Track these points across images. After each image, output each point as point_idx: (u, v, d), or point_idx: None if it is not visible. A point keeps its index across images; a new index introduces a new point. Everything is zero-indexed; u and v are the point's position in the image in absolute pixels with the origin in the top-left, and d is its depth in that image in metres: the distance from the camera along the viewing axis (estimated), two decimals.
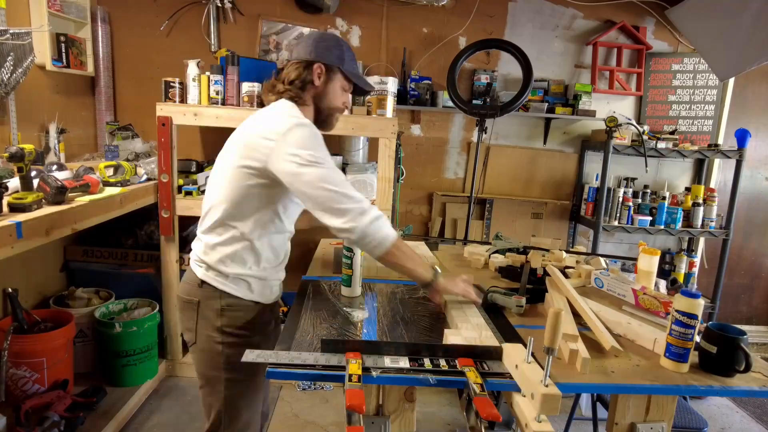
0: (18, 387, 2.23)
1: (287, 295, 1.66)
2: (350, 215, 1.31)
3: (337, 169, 1.36)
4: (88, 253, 2.98)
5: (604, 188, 3.22)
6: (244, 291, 1.46)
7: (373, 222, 1.32)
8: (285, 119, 1.37)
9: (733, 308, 3.87)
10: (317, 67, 1.47)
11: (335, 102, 1.54)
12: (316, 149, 1.33)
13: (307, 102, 1.51)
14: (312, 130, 1.37)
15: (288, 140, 1.32)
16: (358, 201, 1.33)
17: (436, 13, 3.31)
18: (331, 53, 1.49)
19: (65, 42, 2.76)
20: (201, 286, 1.45)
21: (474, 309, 1.44)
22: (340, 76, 1.52)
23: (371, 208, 1.34)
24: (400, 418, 1.17)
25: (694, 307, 1.12)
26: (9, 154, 1.72)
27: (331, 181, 1.31)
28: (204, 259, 1.46)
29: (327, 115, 1.55)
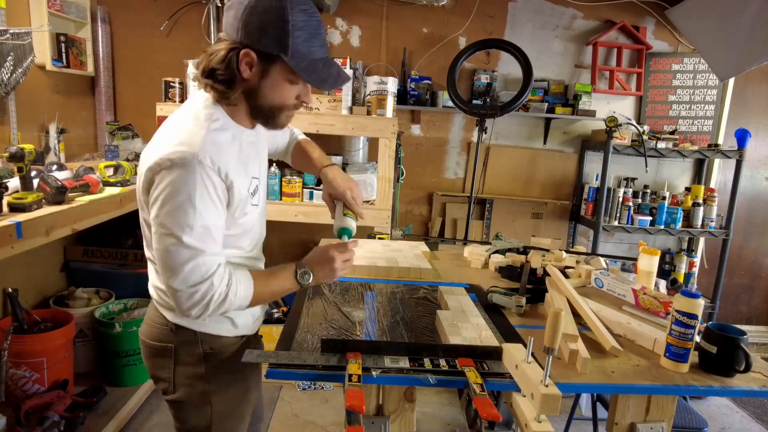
0: (18, 387, 2.23)
1: (287, 295, 1.65)
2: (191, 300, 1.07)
3: (200, 232, 1.05)
4: (88, 253, 2.98)
5: (604, 188, 3.22)
6: (227, 328, 1.27)
7: (220, 302, 1.09)
8: (170, 147, 1.05)
9: (733, 308, 3.87)
10: (244, 54, 1.06)
11: (277, 99, 1.13)
12: (183, 209, 1.03)
13: (234, 101, 1.14)
14: (193, 176, 1.03)
15: (160, 183, 1.04)
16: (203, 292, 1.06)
17: (436, 13, 3.31)
18: (268, 34, 1.04)
19: (65, 42, 2.76)
20: (174, 330, 1.22)
21: (474, 309, 1.44)
22: (281, 68, 1.09)
23: (218, 287, 1.08)
24: (400, 418, 1.17)
25: (694, 307, 1.12)
26: (9, 154, 1.72)
27: (181, 254, 1.04)
28: (167, 300, 1.19)
29: (268, 115, 1.16)
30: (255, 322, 1.38)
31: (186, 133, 1.08)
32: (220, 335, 1.26)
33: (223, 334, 1.27)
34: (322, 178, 1.43)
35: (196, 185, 1.03)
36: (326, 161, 1.46)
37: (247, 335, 1.34)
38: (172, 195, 1.03)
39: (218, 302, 1.09)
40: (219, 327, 1.26)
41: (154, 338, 1.26)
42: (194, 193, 1.03)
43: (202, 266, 1.06)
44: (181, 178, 1.03)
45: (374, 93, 2.69)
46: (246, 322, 1.32)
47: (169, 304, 1.21)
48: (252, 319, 1.36)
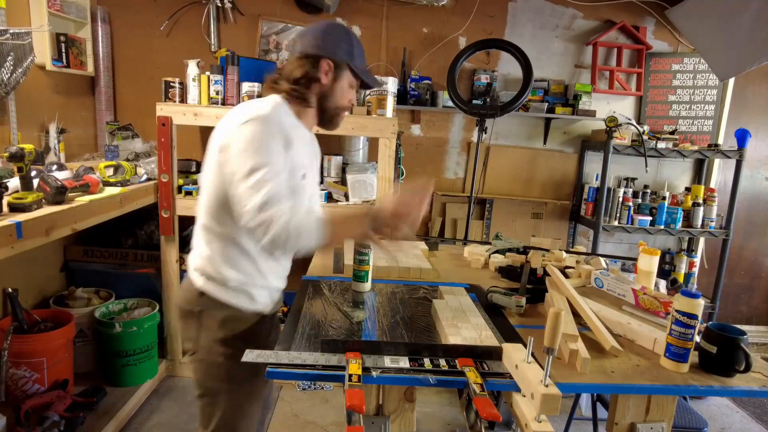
0: (18, 387, 2.23)
1: (287, 294, 1.65)
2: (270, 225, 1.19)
3: (276, 170, 1.23)
4: (88, 253, 2.98)
5: (604, 188, 3.22)
6: (245, 301, 1.41)
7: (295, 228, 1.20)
8: (246, 112, 1.28)
9: (733, 308, 3.87)
10: (325, 63, 1.37)
11: (342, 101, 1.44)
12: (260, 152, 1.22)
13: (311, 102, 1.41)
14: (265, 127, 1.26)
15: (239, 135, 1.25)
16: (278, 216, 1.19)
17: (436, 13, 3.31)
18: (341, 48, 1.38)
19: (65, 42, 2.76)
20: (201, 296, 1.39)
21: (474, 309, 1.44)
22: (348, 73, 1.41)
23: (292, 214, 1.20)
24: (400, 418, 1.17)
25: (694, 307, 1.13)
26: (9, 154, 1.73)
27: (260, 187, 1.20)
28: (201, 267, 1.40)
29: (333, 114, 1.45)
30: (273, 304, 1.51)
31: (256, 108, 1.31)
32: (239, 306, 1.39)
33: (242, 305, 1.39)
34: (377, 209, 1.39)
35: (271, 134, 1.26)
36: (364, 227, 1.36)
37: (264, 313, 1.46)
38: (251, 141, 1.23)
39: (285, 224, 1.18)
40: (238, 298, 1.39)
41: (185, 301, 1.44)
42: (268, 140, 1.25)
43: (270, 192, 1.20)
44: (257, 128, 1.25)
45: (374, 93, 2.69)
46: (264, 301, 1.45)
47: (203, 269, 1.39)
48: (270, 300, 1.48)
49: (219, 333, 1.39)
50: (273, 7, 3.22)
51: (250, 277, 1.40)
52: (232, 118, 1.31)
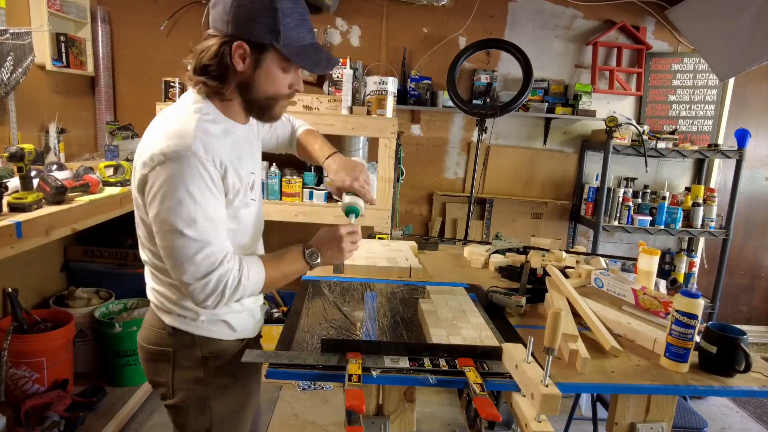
0: (18, 387, 2.23)
1: (287, 295, 1.65)
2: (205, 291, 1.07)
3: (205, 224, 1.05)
4: (88, 253, 2.98)
5: (604, 188, 3.22)
6: (225, 331, 1.24)
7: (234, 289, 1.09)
8: (162, 142, 1.03)
9: (733, 308, 3.87)
10: (237, 46, 1.05)
11: (271, 89, 1.12)
12: (183, 204, 1.02)
13: (228, 95, 1.13)
14: (187, 168, 1.02)
15: (155, 181, 1.03)
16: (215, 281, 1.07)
17: (436, 13, 3.31)
18: (258, 23, 1.04)
19: (65, 42, 2.76)
20: (173, 333, 1.21)
21: (474, 309, 1.44)
22: (274, 56, 1.09)
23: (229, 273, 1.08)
24: (400, 418, 1.17)
25: (694, 307, 1.12)
26: (9, 153, 1.72)
27: (189, 248, 1.04)
28: (163, 305, 1.21)
29: (263, 106, 1.16)
30: (255, 324, 1.35)
31: (177, 126, 1.06)
32: (219, 338, 1.24)
33: (222, 337, 1.24)
34: (326, 169, 1.40)
35: (194, 177, 1.03)
36: (328, 151, 1.42)
37: (248, 338, 1.32)
38: (170, 190, 1.02)
39: (233, 288, 1.09)
40: (217, 330, 1.23)
41: (152, 342, 1.25)
42: (192, 185, 1.03)
43: (210, 256, 1.06)
44: (177, 172, 1.02)
45: (374, 93, 2.69)
46: (245, 326, 1.30)
47: (166, 306, 1.21)
48: (252, 321, 1.33)
49: (199, 373, 1.23)
50: None
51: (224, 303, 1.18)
52: (147, 147, 1.06)
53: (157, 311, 1.24)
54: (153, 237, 1.11)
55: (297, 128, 1.55)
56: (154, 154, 1.03)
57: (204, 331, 1.22)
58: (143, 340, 1.28)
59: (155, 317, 1.24)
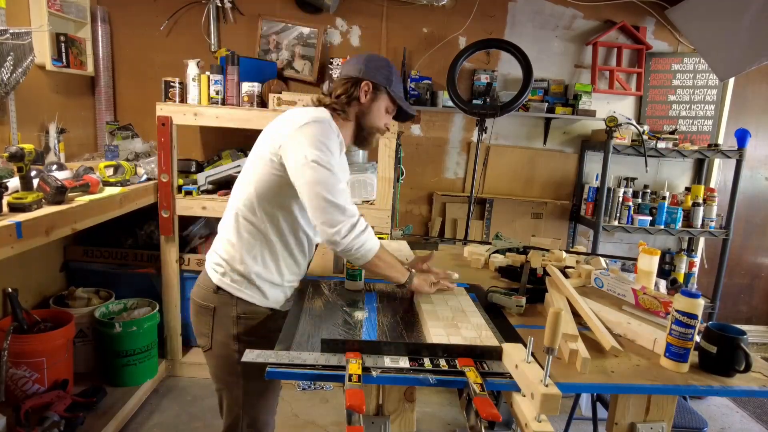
0: (18, 387, 2.23)
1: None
2: (338, 228, 1.34)
3: (339, 175, 1.37)
4: (88, 253, 2.98)
5: (604, 188, 3.22)
6: (259, 298, 1.49)
7: (358, 237, 1.36)
8: (306, 115, 1.42)
9: (733, 308, 3.87)
10: (365, 84, 1.51)
11: (378, 121, 1.56)
12: (324, 149, 1.35)
13: (349, 117, 1.55)
14: (326, 128, 1.40)
15: (301, 134, 1.36)
16: (349, 215, 1.36)
17: (436, 13, 3.31)
18: (380, 73, 1.52)
19: (65, 42, 2.76)
20: (216, 291, 1.47)
21: (474, 309, 1.44)
22: (385, 97, 1.54)
23: (359, 223, 1.37)
24: (400, 418, 1.17)
25: (694, 307, 1.12)
26: (9, 154, 1.73)
27: (328, 188, 1.33)
28: (221, 260, 1.47)
29: (368, 133, 1.58)
30: (285, 300, 1.56)
31: (316, 112, 1.46)
32: (252, 303, 1.47)
33: (255, 302, 1.47)
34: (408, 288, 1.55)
35: (331, 137, 1.40)
36: (404, 278, 1.53)
37: (277, 309, 1.53)
38: (316, 138, 1.36)
39: (360, 229, 1.36)
40: (252, 295, 1.47)
41: (200, 297, 1.50)
42: (331, 141, 1.39)
43: (346, 192, 1.38)
44: (320, 128, 1.39)
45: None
46: (276, 297, 1.52)
47: (220, 267, 1.47)
48: (283, 296, 1.55)
49: (233, 329, 1.47)
50: (273, 7, 3.22)
51: (269, 273, 1.49)
52: (287, 121, 1.43)
53: (210, 271, 1.49)
54: (262, 196, 1.42)
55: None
56: (299, 121, 1.39)
57: (242, 294, 1.46)
58: (195, 295, 1.53)
59: (206, 277, 1.50)
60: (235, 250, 1.47)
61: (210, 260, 1.53)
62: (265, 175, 1.42)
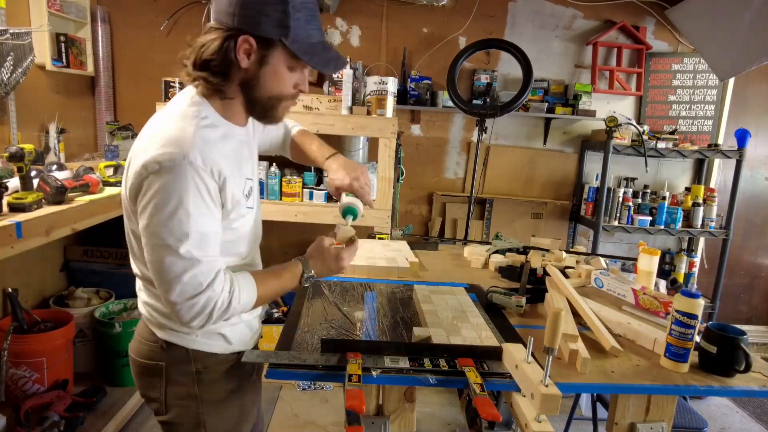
0: (18, 387, 2.23)
1: (288, 294, 1.64)
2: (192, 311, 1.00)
3: (197, 240, 0.98)
4: (88, 253, 2.98)
5: (604, 188, 3.22)
6: (220, 344, 1.18)
7: (224, 310, 1.03)
8: (156, 149, 0.96)
9: (733, 308, 3.87)
10: (243, 41, 0.99)
11: (276, 88, 1.06)
12: (176, 217, 0.95)
13: (229, 93, 1.06)
14: (183, 179, 0.95)
15: (148, 190, 0.96)
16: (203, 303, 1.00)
17: (436, 13, 3.31)
18: (268, 15, 0.97)
19: (65, 42, 2.76)
20: (165, 348, 1.15)
21: (474, 309, 1.44)
22: (282, 53, 1.02)
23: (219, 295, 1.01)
24: (400, 418, 1.17)
25: (694, 307, 1.12)
26: (9, 153, 1.72)
27: (178, 266, 0.97)
28: (155, 318, 1.16)
29: (266, 107, 1.09)
30: (252, 336, 1.28)
31: (173, 132, 0.99)
32: (214, 352, 1.17)
33: (217, 351, 1.18)
34: (327, 170, 1.35)
35: (189, 189, 0.96)
36: (328, 152, 1.37)
37: (244, 351, 1.24)
38: (163, 202, 0.95)
39: (221, 310, 1.02)
40: (211, 344, 1.17)
41: (144, 356, 1.20)
42: (187, 198, 0.96)
43: (199, 276, 0.99)
44: (171, 183, 0.95)
45: (374, 93, 2.69)
46: (242, 337, 1.23)
47: (158, 320, 1.16)
48: (249, 333, 1.26)
49: (194, 389, 1.17)
50: None
51: None
52: (138, 155, 1.00)
53: (150, 325, 1.18)
54: None
55: (290, 128, 1.49)
56: (147, 162, 0.95)
57: (199, 344, 1.16)
58: (135, 353, 1.23)
59: (147, 330, 1.19)
60: (161, 308, 1.14)
61: (143, 308, 1.21)
62: (136, 233, 1.05)
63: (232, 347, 1.20)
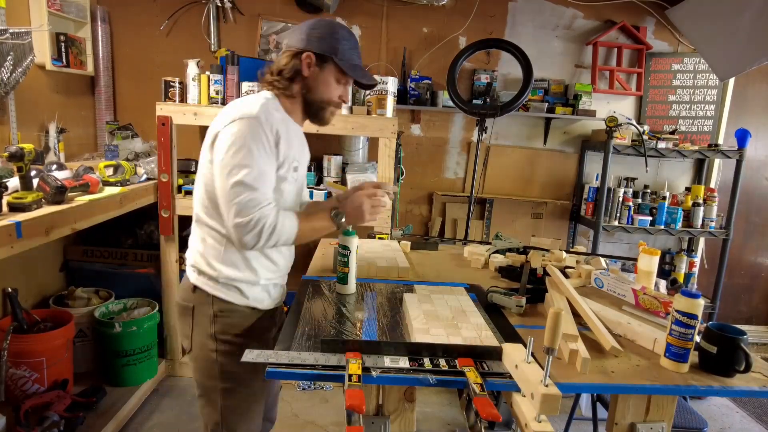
0: (18, 387, 2.23)
1: (287, 294, 1.65)
2: (245, 239, 1.28)
3: (256, 174, 1.29)
4: (88, 253, 2.98)
5: (604, 188, 3.22)
6: (236, 296, 1.42)
7: (270, 237, 1.30)
8: (236, 110, 1.34)
9: (733, 308, 3.87)
10: (306, 56, 1.40)
11: (326, 94, 1.45)
12: (243, 152, 1.28)
13: (294, 94, 1.44)
14: (252, 126, 1.30)
15: (224, 134, 1.31)
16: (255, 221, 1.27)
17: (436, 13, 3.31)
18: (323, 42, 1.40)
19: (65, 41, 2.76)
20: (194, 291, 1.42)
21: (474, 309, 1.44)
22: (332, 67, 1.42)
23: (266, 224, 1.28)
24: (400, 418, 1.17)
25: (694, 307, 1.12)
26: (9, 153, 1.72)
27: (239, 201, 1.27)
28: (193, 262, 1.44)
29: (318, 108, 1.47)
30: (271, 300, 1.51)
31: (244, 107, 1.35)
32: (229, 300, 1.41)
33: (232, 300, 1.41)
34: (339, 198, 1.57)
35: (254, 136, 1.30)
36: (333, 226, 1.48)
37: (260, 309, 1.47)
38: (235, 141, 1.28)
39: (270, 229, 1.28)
40: (228, 293, 1.41)
41: (181, 298, 1.47)
42: (252, 141, 1.29)
43: (254, 200, 1.27)
44: (242, 129, 1.29)
45: (374, 93, 2.69)
46: (258, 296, 1.46)
47: (197, 265, 1.42)
48: (266, 296, 1.49)
49: (210, 328, 1.41)
50: (273, 7, 3.22)
51: (241, 272, 1.41)
52: (221, 117, 1.36)
53: (189, 270, 1.45)
54: (210, 196, 1.36)
55: None
56: (226, 117, 1.32)
57: (218, 291, 1.40)
58: (177, 296, 1.51)
59: (185, 277, 1.47)
60: (203, 255, 1.42)
61: (187, 260, 1.49)
62: (210, 175, 1.36)
63: (246, 301, 1.43)
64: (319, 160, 3.08)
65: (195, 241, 1.45)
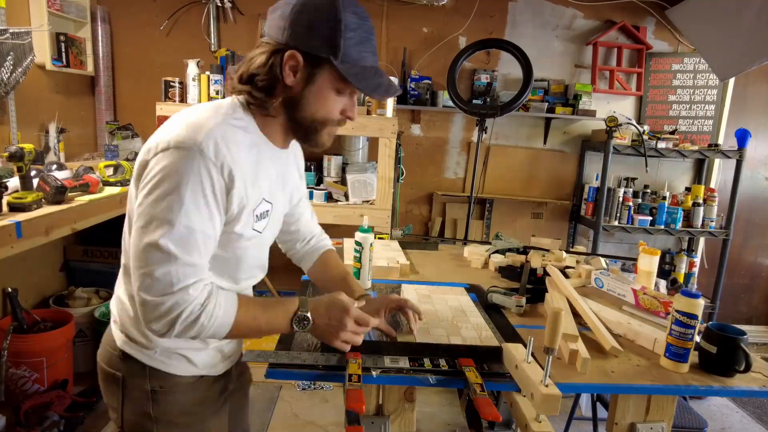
0: (18, 387, 2.22)
1: (287, 294, 1.64)
2: (157, 326, 0.90)
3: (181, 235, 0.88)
4: (88, 253, 2.97)
5: (604, 188, 3.22)
6: (180, 366, 1.06)
7: (189, 324, 0.90)
8: (173, 133, 0.90)
9: (733, 308, 3.87)
10: (290, 56, 0.93)
11: (321, 112, 0.99)
12: (168, 200, 0.87)
13: (272, 111, 0.98)
14: (188, 164, 0.87)
15: (153, 167, 0.89)
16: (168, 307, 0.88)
17: (436, 13, 3.31)
18: (317, 33, 0.92)
19: (65, 41, 2.76)
20: (124, 359, 1.05)
21: (474, 309, 1.44)
22: (329, 74, 0.95)
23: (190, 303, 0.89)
24: (400, 418, 1.17)
25: (694, 307, 1.12)
26: (9, 153, 1.72)
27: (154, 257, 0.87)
28: (121, 323, 1.06)
29: (309, 130, 1.02)
30: (224, 361, 1.15)
31: (198, 119, 0.92)
32: (172, 373, 1.06)
33: (176, 372, 1.06)
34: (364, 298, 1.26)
35: (190, 178, 0.87)
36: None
37: (212, 375, 1.13)
38: (161, 181, 0.87)
39: (187, 322, 0.89)
40: (171, 364, 1.05)
41: (104, 361, 1.10)
42: (185, 185, 0.87)
43: (173, 274, 0.87)
44: (173, 166, 0.87)
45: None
46: (208, 361, 1.10)
47: (123, 324, 1.06)
48: (219, 357, 1.13)
49: (148, 407, 1.05)
50: None
51: (186, 341, 1.05)
52: (155, 137, 0.93)
53: (114, 328, 1.09)
54: None
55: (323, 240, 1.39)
56: (161, 140, 0.90)
57: (156, 362, 1.04)
58: (98, 357, 1.13)
59: (111, 335, 1.09)
60: (130, 319, 1.04)
61: (112, 314, 1.10)
62: None
63: (196, 370, 1.08)
64: (319, 160, 3.08)
65: (122, 295, 1.06)
